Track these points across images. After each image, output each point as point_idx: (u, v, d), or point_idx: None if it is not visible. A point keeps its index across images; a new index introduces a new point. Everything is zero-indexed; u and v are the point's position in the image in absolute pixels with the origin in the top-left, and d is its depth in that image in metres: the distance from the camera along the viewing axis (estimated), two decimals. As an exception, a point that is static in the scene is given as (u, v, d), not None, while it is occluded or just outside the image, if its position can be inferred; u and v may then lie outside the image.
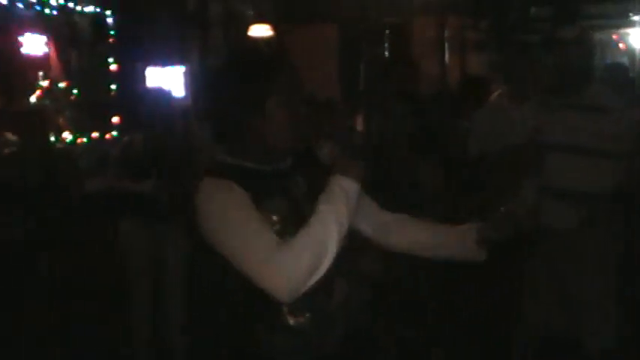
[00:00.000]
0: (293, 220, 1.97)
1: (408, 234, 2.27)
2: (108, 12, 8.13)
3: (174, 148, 4.31)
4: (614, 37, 10.51)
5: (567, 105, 3.64)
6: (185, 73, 9.21)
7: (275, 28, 10.28)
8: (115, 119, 7.94)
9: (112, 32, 8.16)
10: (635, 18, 10.09)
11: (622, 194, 3.62)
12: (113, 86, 8.20)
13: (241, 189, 1.93)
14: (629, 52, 10.22)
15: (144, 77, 8.70)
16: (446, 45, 10.15)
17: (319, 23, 10.57)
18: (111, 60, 8.16)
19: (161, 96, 4.39)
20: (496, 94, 4.78)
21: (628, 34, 10.35)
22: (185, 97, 8.93)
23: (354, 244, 2.07)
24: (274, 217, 1.97)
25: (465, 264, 2.26)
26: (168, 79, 8.82)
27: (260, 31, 10.23)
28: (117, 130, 7.80)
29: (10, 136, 4.60)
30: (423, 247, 2.28)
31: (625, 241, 3.83)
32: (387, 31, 9.08)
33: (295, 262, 1.83)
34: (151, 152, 4.30)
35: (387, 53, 8.92)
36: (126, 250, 4.43)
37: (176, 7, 9.37)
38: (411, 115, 4.18)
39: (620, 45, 10.55)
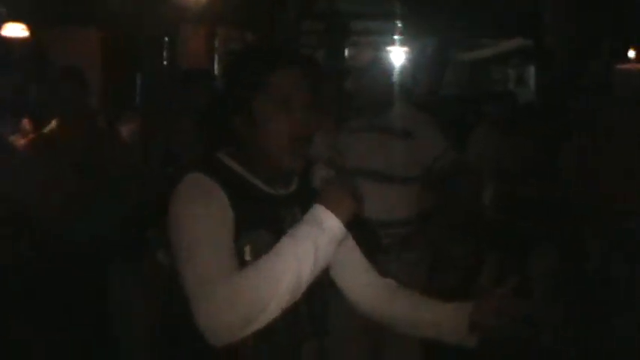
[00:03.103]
0: None
1: (394, 305, 1.86)
2: None
3: None
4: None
5: (365, 128, 3.56)
6: None
7: (30, 28, 9.46)
8: None
9: None
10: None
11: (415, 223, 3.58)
12: None
13: (228, 204, 1.57)
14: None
15: None
16: (216, 57, 9.92)
17: (78, 27, 9.86)
18: None
19: None
20: None
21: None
22: None
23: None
24: (249, 250, 1.59)
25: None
26: None
27: (14, 30, 9.38)
28: None
29: None
30: (408, 324, 1.88)
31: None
32: (165, 40, 8.76)
33: (232, 299, 1.46)
34: None
35: (165, 63, 8.59)
36: None
37: None
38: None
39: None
